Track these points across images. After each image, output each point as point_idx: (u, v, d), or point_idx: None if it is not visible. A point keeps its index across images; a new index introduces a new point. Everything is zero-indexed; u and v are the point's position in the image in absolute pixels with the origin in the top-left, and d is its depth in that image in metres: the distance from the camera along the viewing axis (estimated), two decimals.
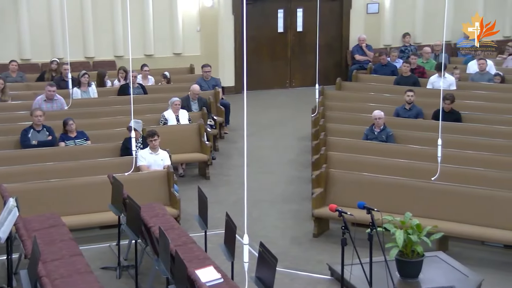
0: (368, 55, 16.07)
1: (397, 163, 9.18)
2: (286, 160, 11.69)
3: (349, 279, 6.34)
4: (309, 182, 9.86)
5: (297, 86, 16.99)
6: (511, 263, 7.68)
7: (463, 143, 9.76)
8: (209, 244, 7.39)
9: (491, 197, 7.92)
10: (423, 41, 16.71)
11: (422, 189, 8.27)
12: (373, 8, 16.92)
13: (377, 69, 14.45)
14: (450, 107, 10.79)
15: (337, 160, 9.46)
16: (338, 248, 6.05)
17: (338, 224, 7.68)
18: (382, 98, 12.45)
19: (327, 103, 12.32)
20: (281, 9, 16.70)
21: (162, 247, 6.16)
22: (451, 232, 7.71)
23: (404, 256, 6.59)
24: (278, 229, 8.86)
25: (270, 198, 9.95)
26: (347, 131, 10.74)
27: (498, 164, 8.92)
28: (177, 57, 15.86)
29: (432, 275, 6.70)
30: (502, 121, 10.67)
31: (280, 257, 6.10)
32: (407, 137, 10.23)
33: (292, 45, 16.93)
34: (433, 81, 12.81)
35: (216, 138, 12.19)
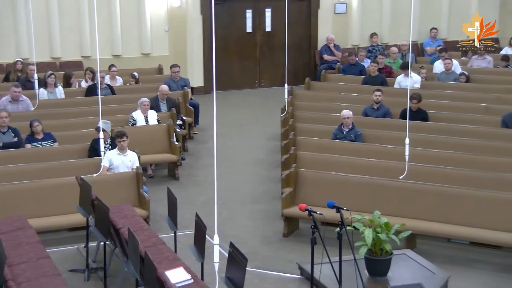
0: (336, 55, 16.18)
1: (365, 162, 9.26)
2: (256, 160, 11.70)
3: (318, 278, 6.37)
4: (278, 181, 9.89)
5: (266, 86, 17.02)
6: (477, 260, 7.81)
7: (430, 142, 9.89)
8: (179, 245, 7.36)
9: (457, 195, 8.04)
10: (390, 41, 16.89)
11: (391, 188, 8.35)
12: (341, 8, 17.04)
13: (345, 68, 14.55)
14: (417, 106, 10.92)
15: (307, 160, 9.50)
16: (308, 247, 6.08)
17: (307, 223, 7.70)
18: (351, 97, 12.55)
19: (296, 103, 12.37)
20: (249, 9, 16.71)
21: (131, 249, 6.11)
22: (418, 230, 7.80)
23: (373, 254, 6.65)
24: (248, 229, 8.86)
25: (240, 198, 9.95)
26: (316, 131, 10.79)
27: (464, 163, 9.06)
28: (146, 58, 15.76)
29: (400, 272, 6.77)
30: (467, 120, 10.83)
31: (250, 257, 6.11)
32: (376, 137, 10.32)
33: (261, 45, 16.95)
34: (399, 81, 12.95)
35: (185, 139, 12.14)
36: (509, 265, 7.68)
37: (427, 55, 16.39)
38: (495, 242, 7.73)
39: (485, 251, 7.92)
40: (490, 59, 14.51)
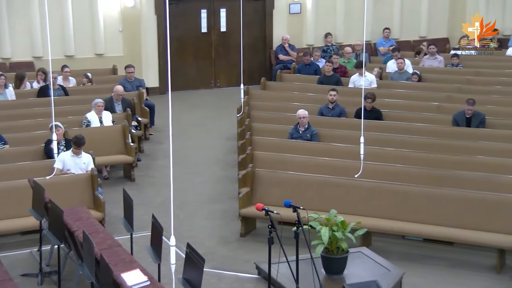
0: (291, 55, 16.26)
1: (321, 161, 9.34)
2: (213, 160, 11.67)
3: (276, 278, 6.39)
4: (235, 181, 9.88)
5: (222, 86, 16.99)
6: (430, 256, 7.95)
7: (384, 140, 10.03)
8: (135, 247, 7.29)
9: (411, 193, 8.18)
10: (344, 41, 17.06)
11: (346, 187, 8.45)
12: (295, 9, 17.14)
13: (301, 68, 14.64)
14: (371, 106, 11.06)
15: (263, 160, 9.53)
16: (265, 247, 6.09)
17: (265, 223, 7.73)
18: (306, 97, 12.63)
19: (252, 103, 12.39)
20: (204, 9, 16.65)
21: (87, 251, 6.02)
22: (374, 228, 7.91)
23: (329, 253, 6.71)
24: (205, 229, 8.84)
25: (196, 198, 9.91)
26: (272, 131, 10.83)
27: (417, 161, 9.22)
28: (99, 58, 15.55)
29: (356, 270, 6.84)
30: (420, 118, 11.02)
31: (207, 257, 6.09)
32: (331, 136, 10.41)
33: (216, 45, 16.91)
34: (354, 80, 13.10)
35: (141, 140, 12.03)
36: (461, 260, 7.85)
37: (381, 54, 16.62)
38: (447, 239, 7.89)
39: (438, 247, 8.07)
40: (441, 58, 14.80)
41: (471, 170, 8.74)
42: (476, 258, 7.86)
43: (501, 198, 7.83)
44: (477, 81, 13.21)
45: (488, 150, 9.47)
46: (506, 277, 7.43)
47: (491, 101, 11.72)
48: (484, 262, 7.74)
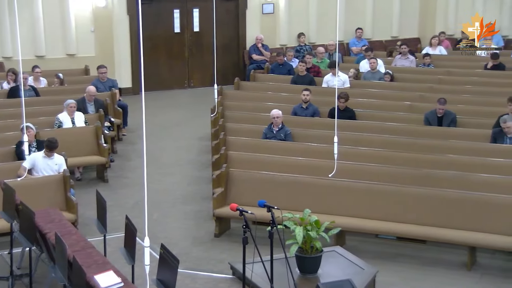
0: (265, 54, 16.28)
1: (295, 161, 9.36)
2: (186, 161, 11.63)
3: (250, 277, 6.39)
4: (209, 182, 9.86)
5: (196, 86, 16.95)
6: (403, 254, 8.02)
7: (358, 140, 10.09)
8: (109, 248, 7.24)
9: (384, 192, 8.24)
10: (317, 41, 17.14)
11: (320, 186, 8.48)
12: (268, 9, 17.16)
13: (274, 68, 14.66)
14: (344, 105, 11.12)
15: (237, 160, 9.52)
16: (240, 247, 6.09)
17: (239, 223, 7.72)
18: (280, 97, 12.65)
19: (226, 103, 12.37)
20: (177, 9, 16.59)
21: (59, 254, 5.96)
22: (347, 227, 7.96)
23: (303, 252, 6.73)
24: (179, 230, 8.80)
25: (170, 199, 9.87)
26: (246, 131, 10.83)
27: (390, 160, 9.29)
28: (71, 58, 15.41)
29: (330, 269, 6.87)
30: (392, 118, 11.11)
31: (181, 258, 6.07)
32: (305, 135, 10.45)
33: (190, 45, 16.86)
34: (327, 80, 13.16)
35: (114, 140, 11.94)
36: (433, 258, 7.93)
37: (353, 54, 16.73)
38: (420, 237, 7.97)
39: (410, 245, 8.14)
40: (412, 58, 14.95)
41: (442, 169, 8.84)
42: (448, 256, 7.94)
43: (471, 196, 7.93)
44: (448, 81, 13.36)
45: (459, 149, 9.59)
46: (477, 274, 7.53)
47: (462, 101, 11.86)
48: (455, 259, 7.83)
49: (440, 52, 15.94)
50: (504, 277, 7.45)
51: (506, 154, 9.23)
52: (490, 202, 7.81)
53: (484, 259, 7.82)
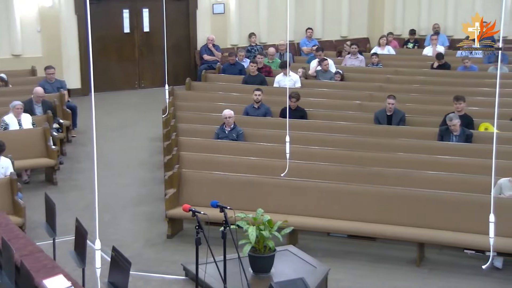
0: (216, 55, 16.26)
1: (248, 161, 9.38)
2: (138, 162, 11.52)
3: (203, 278, 6.37)
4: (161, 183, 9.79)
5: (147, 86, 16.81)
6: (354, 252, 8.13)
7: (309, 139, 10.16)
8: (58, 252, 7.12)
9: (335, 190, 8.34)
10: (268, 41, 17.22)
11: (273, 185, 8.52)
12: (219, 9, 17.15)
13: (226, 68, 14.66)
14: (296, 105, 11.19)
15: (189, 160, 9.48)
16: (192, 247, 6.06)
17: (192, 224, 7.67)
18: (231, 97, 12.66)
19: (177, 103, 12.31)
20: (126, 9, 16.42)
21: (6, 259, 5.82)
22: (300, 226, 8.01)
23: (256, 252, 6.74)
24: (131, 232, 8.71)
25: (122, 201, 9.76)
26: (198, 131, 10.79)
27: (341, 158, 9.39)
28: (16, 59, 15.06)
29: (283, 268, 6.90)
30: (343, 117, 11.23)
31: (133, 260, 6.01)
32: (257, 135, 10.47)
33: (140, 46, 16.72)
34: (279, 80, 13.22)
35: (63, 142, 11.74)
36: (383, 255, 8.06)
37: (304, 54, 16.86)
38: (370, 234, 8.09)
39: (361, 243, 8.26)
40: (362, 58, 15.16)
41: (392, 167, 8.99)
42: (397, 252, 8.09)
43: (419, 193, 8.09)
44: (396, 80, 13.59)
45: (408, 147, 9.76)
46: (425, 270, 7.69)
47: (410, 99, 12.08)
48: (405, 256, 7.97)
49: (388, 52, 16.22)
50: (451, 272, 7.63)
51: (452, 152, 9.45)
52: (437, 199, 7.99)
53: (432, 255, 7.99)
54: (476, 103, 11.36)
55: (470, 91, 12.07)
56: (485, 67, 14.18)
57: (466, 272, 7.58)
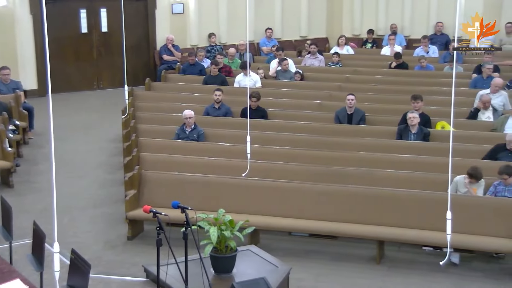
0: (175, 55, 16.17)
1: (209, 161, 9.36)
2: (97, 163, 11.38)
3: (165, 279, 6.33)
4: (121, 184, 9.70)
5: (105, 87, 16.62)
6: (315, 251, 8.19)
7: (270, 139, 10.20)
8: (15, 256, 6.99)
9: (296, 190, 8.37)
10: (228, 41, 17.20)
11: (234, 186, 8.52)
12: (178, 9, 17.06)
13: (185, 68, 14.60)
14: (256, 105, 11.21)
15: (150, 161, 9.41)
16: (154, 249, 6.02)
17: (153, 225, 7.64)
18: (192, 97, 12.61)
19: (137, 104, 12.20)
20: (83, 8, 16.20)
21: None
22: (261, 225, 8.02)
23: (218, 252, 6.73)
24: (90, 234, 8.61)
25: (81, 203, 9.63)
26: (159, 132, 10.72)
27: (301, 158, 9.45)
28: None
29: (245, 268, 6.90)
30: (303, 116, 11.30)
31: (93, 262, 5.94)
32: (218, 135, 10.46)
33: (98, 46, 16.52)
34: (239, 80, 13.23)
35: (19, 144, 11.51)
36: (343, 253, 8.13)
37: (264, 54, 16.90)
38: (331, 233, 8.15)
39: (322, 241, 8.32)
40: (321, 58, 15.27)
41: (352, 166, 9.08)
42: (357, 250, 8.17)
43: (380, 191, 8.19)
44: (355, 79, 13.73)
45: (368, 146, 9.88)
46: (385, 267, 7.79)
47: (369, 99, 12.22)
48: (365, 254, 8.06)
49: (347, 52, 16.38)
50: (409, 269, 7.74)
51: (411, 150, 9.60)
52: (396, 197, 8.09)
53: (391, 252, 8.09)
54: (433, 102, 11.56)
55: (427, 90, 12.28)
56: (440, 66, 14.43)
57: (424, 268, 7.71)
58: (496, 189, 8.11)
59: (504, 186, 8.05)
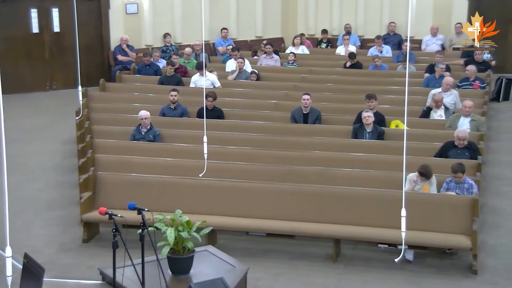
0: (130, 55, 16.01)
1: (165, 162, 9.30)
2: (51, 166, 11.19)
3: (121, 282, 6.26)
4: (76, 186, 9.57)
5: (59, 88, 16.35)
6: (273, 250, 8.23)
7: (226, 139, 10.20)
8: None
9: (253, 190, 8.40)
10: (183, 41, 17.11)
11: (191, 186, 8.49)
12: (132, 9, 16.89)
13: (141, 69, 14.47)
14: (212, 105, 11.19)
15: (105, 162, 9.31)
16: (110, 251, 5.94)
17: (109, 227, 7.55)
18: (147, 98, 12.52)
19: (91, 105, 12.05)
20: (34, 8, 15.89)
21: None
22: (219, 226, 8.01)
23: (175, 253, 6.68)
24: (44, 237, 8.46)
25: (34, 206, 9.46)
26: (114, 133, 10.61)
27: (258, 158, 9.48)
28: None
29: (202, 269, 6.88)
30: (259, 116, 11.33)
31: (47, 266, 5.83)
32: (174, 136, 10.41)
33: (50, 46, 16.23)
34: (195, 80, 13.18)
35: None
36: (300, 252, 8.18)
37: (220, 54, 16.88)
38: (288, 232, 8.19)
39: (280, 241, 8.35)
40: (277, 57, 15.33)
41: (308, 165, 9.15)
42: (315, 249, 8.23)
43: (336, 190, 8.28)
44: (311, 79, 13.83)
45: (324, 145, 9.97)
46: (341, 265, 7.87)
47: (324, 98, 12.34)
48: (322, 252, 8.12)
49: (302, 52, 16.49)
50: (365, 266, 7.84)
51: (366, 149, 9.73)
52: (352, 195, 8.19)
53: (348, 250, 8.18)
54: (387, 101, 11.73)
55: (381, 90, 12.45)
56: (394, 66, 14.66)
57: (379, 266, 7.82)
58: (449, 185, 8.28)
59: (455, 184, 8.23)
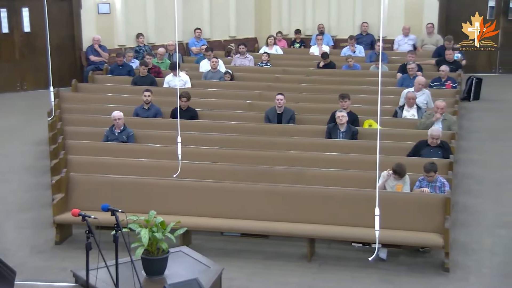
0: (103, 55, 15.89)
1: (139, 163, 9.26)
2: (22, 167, 11.05)
3: (95, 284, 6.21)
4: (48, 188, 9.47)
5: (30, 89, 16.15)
6: (247, 250, 8.23)
7: (200, 139, 10.17)
8: None
9: (227, 190, 8.39)
10: (156, 41, 17.02)
11: (165, 187, 8.46)
12: (104, 9, 16.75)
13: (113, 69, 14.37)
14: (186, 105, 11.16)
15: (78, 163, 9.23)
16: (83, 253, 5.90)
17: (82, 229, 7.49)
18: (121, 98, 12.44)
19: (63, 106, 11.93)
20: (3, 8, 15.68)
21: None
22: (193, 226, 8.00)
23: (149, 254, 6.66)
24: (15, 239, 8.37)
25: (5, 207, 9.35)
26: (87, 133, 10.52)
27: (232, 158, 9.47)
28: None
29: (177, 270, 6.86)
30: (233, 116, 11.33)
31: (18, 269, 5.78)
32: (148, 136, 10.35)
33: (21, 46, 16.03)
34: (168, 80, 13.13)
35: None
36: (275, 252, 8.20)
37: (193, 54, 16.84)
38: (263, 232, 8.21)
39: (254, 241, 8.36)
40: (251, 57, 15.34)
41: (282, 165, 9.17)
42: (289, 248, 8.26)
43: (308, 190, 8.31)
44: (284, 79, 13.86)
45: (298, 145, 10.00)
46: (315, 265, 7.90)
47: (298, 98, 12.38)
48: (296, 251, 8.15)
49: (276, 52, 16.52)
50: (339, 265, 7.89)
51: (340, 149, 9.78)
52: (326, 195, 8.22)
53: (322, 250, 8.22)
54: (360, 100, 11.80)
55: (354, 89, 12.52)
56: (367, 66, 14.76)
57: (353, 264, 7.87)
58: (421, 184, 8.37)
59: (428, 182, 8.32)
